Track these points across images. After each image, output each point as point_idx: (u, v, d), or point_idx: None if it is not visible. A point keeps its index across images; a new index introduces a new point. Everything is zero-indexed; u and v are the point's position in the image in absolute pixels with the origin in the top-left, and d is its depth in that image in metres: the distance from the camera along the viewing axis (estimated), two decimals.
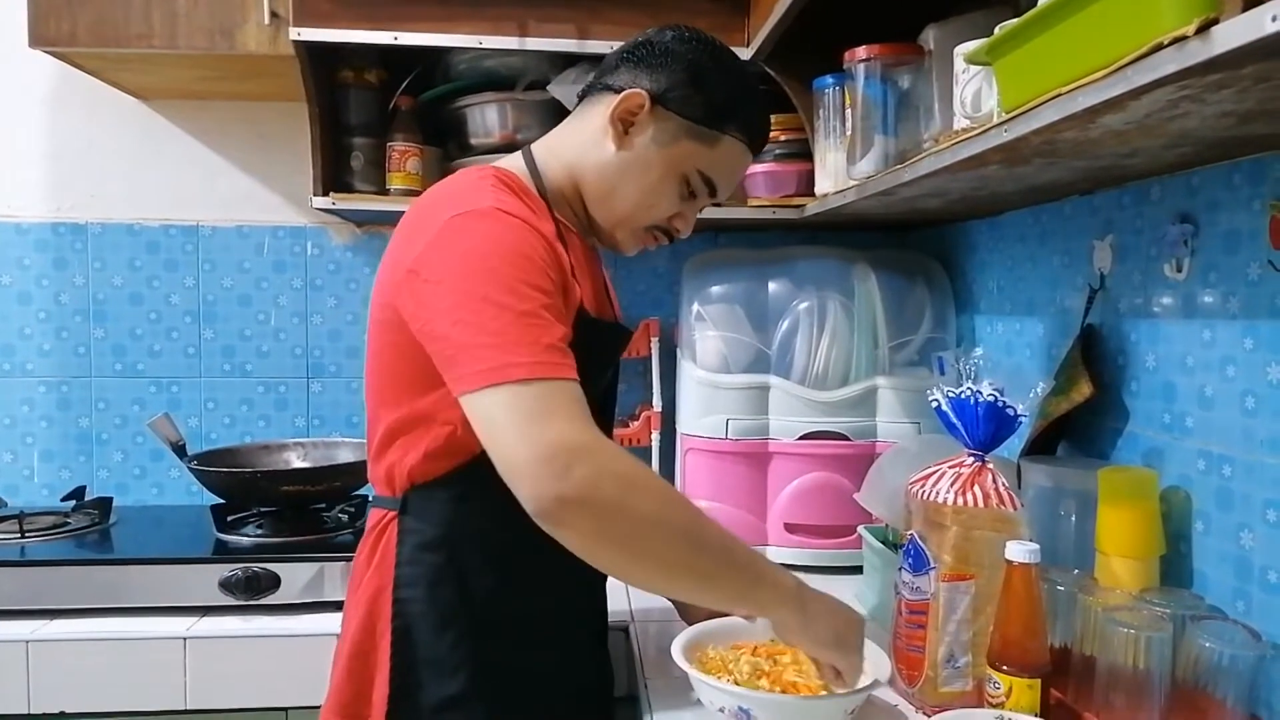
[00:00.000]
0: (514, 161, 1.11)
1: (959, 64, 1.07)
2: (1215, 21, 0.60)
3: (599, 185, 1.09)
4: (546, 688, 1.08)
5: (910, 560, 1.09)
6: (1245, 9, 0.58)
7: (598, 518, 0.86)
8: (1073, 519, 1.17)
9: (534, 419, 0.85)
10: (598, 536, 0.87)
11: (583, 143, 1.09)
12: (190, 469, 1.68)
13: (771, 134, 1.66)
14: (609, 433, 1.24)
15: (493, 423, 0.87)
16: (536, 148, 1.13)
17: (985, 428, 1.06)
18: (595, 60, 1.63)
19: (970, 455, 1.08)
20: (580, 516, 0.85)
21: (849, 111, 1.40)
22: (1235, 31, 0.59)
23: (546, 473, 0.83)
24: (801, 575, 1.56)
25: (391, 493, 1.06)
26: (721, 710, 1.02)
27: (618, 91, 1.06)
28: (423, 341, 0.95)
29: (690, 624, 1.19)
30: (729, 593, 0.97)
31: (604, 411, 1.21)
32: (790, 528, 1.63)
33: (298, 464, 1.86)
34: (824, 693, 1.04)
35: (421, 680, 1.01)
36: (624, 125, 1.06)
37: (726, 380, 1.64)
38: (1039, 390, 1.07)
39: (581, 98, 1.13)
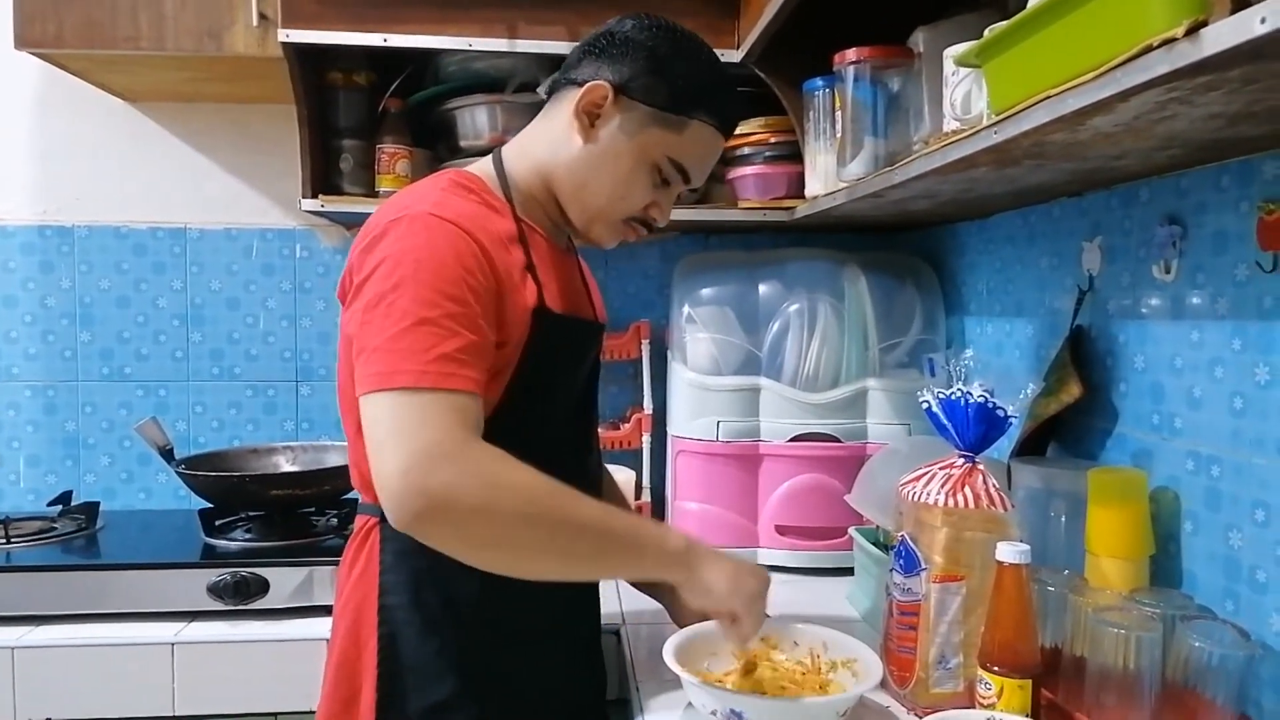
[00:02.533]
0: (483, 164, 1.12)
1: (949, 66, 1.07)
2: (1204, 23, 0.61)
3: (570, 181, 1.08)
4: (534, 693, 1.07)
5: (901, 561, 1.09)
6: (1234, 11, 0.58)
7: (460, 523, 0.86)
8: (1063, 520, 1.18)
9: (404, 429, 0.85)
10: (464, 542, 0.88)
11: (551, 140, 1.09)
12: (178, 473, 1.67)
13: (761, 136, 1.69)
14: (591, 432, 1.25)
15: (370, 429, 0.88)
16: (507, 149, 1.13)
17: (975, 429, 1.06)
18: None
19: (960, 456, 1.08)
20: (441, 526, 0.86)
21: (839, 114, 1.40)
22: (1224, 33, 0.59)
23: (405, 485, 0.83)
24: (792, 578, 1.60)
25: (372, 498, 1.05)
26: (713, 713, 1.02)
27: (581, 85, 1.05)
28: None
29: (681, 627, 1.19)
30: (615, 569, 1.03)
31: (584, 410, 1.21)
32: (781, 530, 1.63)
33: (286, 468, 1.85)
34: (816, 694, 1.05)
35: (408, 687, 1.01)
36: (589, 118, 1.06)
37: (717, 382, 1.64)
38: (1028, 391, 1.07)
39: (549, 94, 1.13)
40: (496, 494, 0.87)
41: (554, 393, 1.09)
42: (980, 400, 1.05)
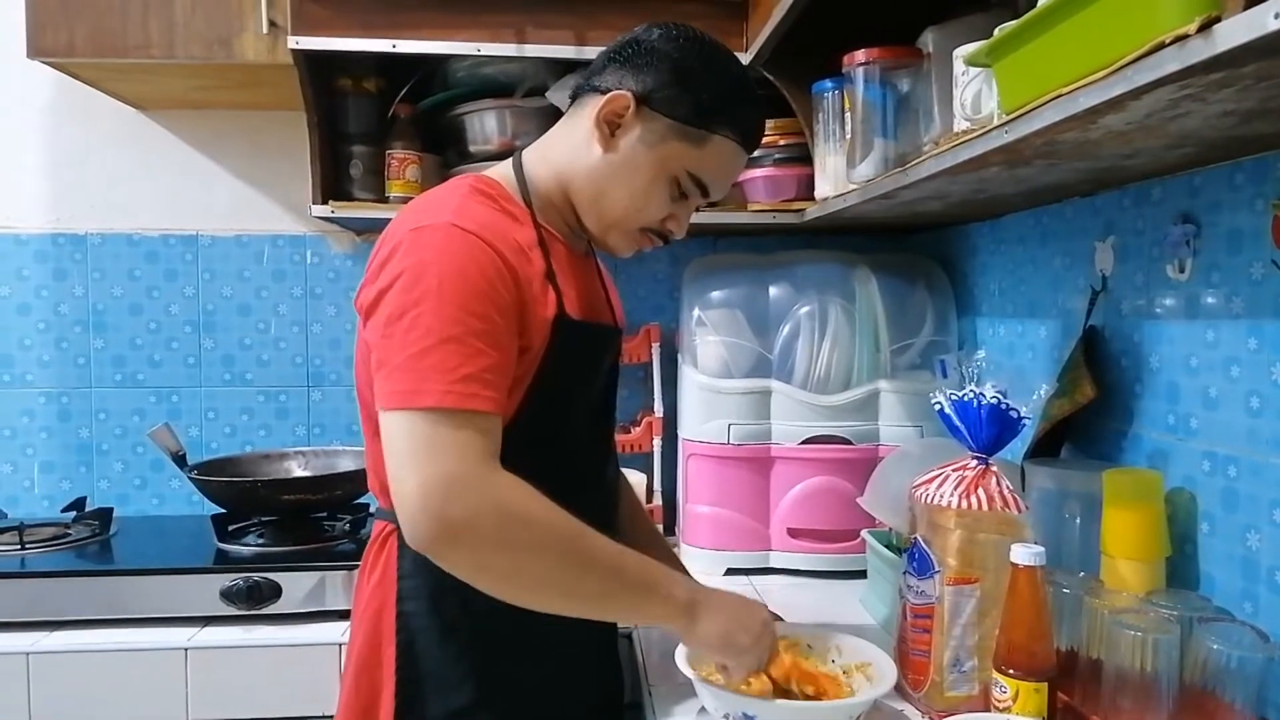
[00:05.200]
0: (502, 169, 1.11)
1: (958, 66, 1.07)
2: (1217, 19, 0.60)
3: (588, 189, 1.07)
4: (553, 698, 1.07)
5: (915, 564, 1.08)
6: (1247, 7, 0.58)
7: (474, 551, 0.87)
8: (1077, 521, 1.17)
9: (426, 451, 0.86)
10: (476, 569, 0.89)
11: (572, 146, 1.08)
12: (191, 479, 1.67)
13: (771, 138, 1.68)
14: (609, 436, 1.24)
15: (391, 447, 0.89)
16: (527, 153, 1.12)
17: (988, 430, 1.06)
18: None
19: (974, 458, 1.08)
20: (455, 551, 0.87)
21: (848, 115, 1.40)
22: (1237, 29, 0.58)
23: (423, 509, 0.85)
24: (805, 581, 1.59)
25: (389, 504, 1.05)
26: (726, 717, 1.01)
27: (604, 93, 1.04)
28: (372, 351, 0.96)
29: None
30: (620, 611, 1.01)
31: (603, 415, 1.21)
32: (793, 533, 1.63)
33: (298, 473, 1.85)
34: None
35: (427, 694, 1.01)
36: (610, 127, 1.04)
37: (728, 385, 1.64)
38: (1042, 392, 1.07)
39: (573, 99, 1.11)
40: (515, 527, 0.88)
41: (573, 399, 1.08)
42: (993, 402, 1.04)
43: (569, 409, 1.07)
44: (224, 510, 1.70)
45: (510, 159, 1.12)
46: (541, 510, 0.90)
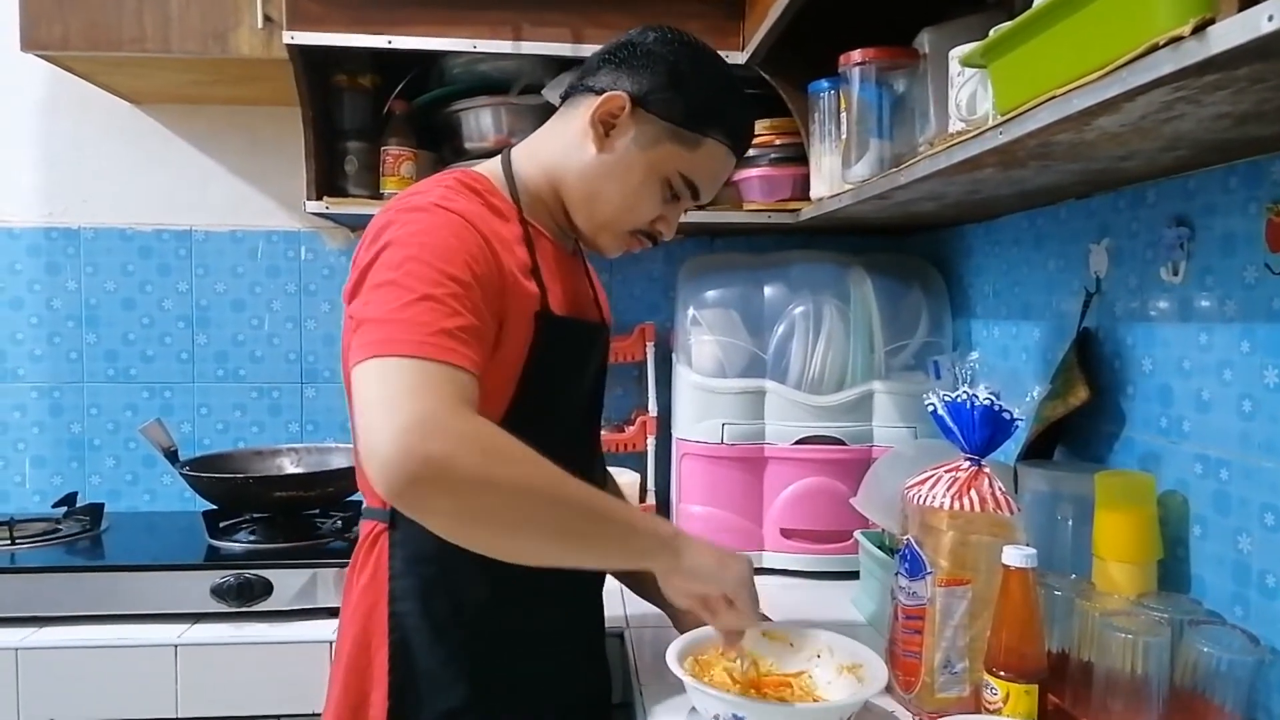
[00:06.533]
0: (491, 165, 1.11)
1: (954, 67, 1.07)
2: (1211, 21, 0.60)
3: (580, 188, 1.08)
4: (544, 698, 1.07)
5: (907, 565, 1.08)
6: (1241, 9, 0.58)
7: (452, 495, 0.80)
8: (1070, 523, 1.17)
9: (400, 395, 0.81)
10: (457, 512, 0.82)
11: (564, 145, 1.08)
12: (182, 475, 1.67)
13: (766, 138, 1.68)
14: (596, 436, 1.24)
15: (361, 395, 0.84)
16: (517, 151, 1.12)
17: (981, 432, 1.05)
18: None
19: (966, 459, 1.07)
20: (435, 493, 0.80)
21: (844, 115, 1.40)
22: (1231, 31, 0.58)
23: (401, 449, 0.78)
24: (797, 581, 1.59)
25: (379, 503, 1.05)
26: (716, 717, 1.01)
27: (599, 93, 1.05)
28: None
29: (682, 633, 1.18)
30: (607, 550, 0.95)
31: (590, 413, 1.21)
32: (786, 533, 1.62)
33: (291, 470, 1.85)
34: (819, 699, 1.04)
35: (420, 695, 1.00)
36: (605, 128, 1.05)
37: (722, 385, 1.64)
38: (1035, 394, 1.07)
39: (564, 99, 1.12)
40: (496, 465, 0.82)
41: (560, 397, 1.08)
42: (986, 403, 1.04)
43: (556, 407, 1.06)
44: (215, 507, 1.70)
45: (498, 157, 1.12)
46: (520, 450, 0.85)
